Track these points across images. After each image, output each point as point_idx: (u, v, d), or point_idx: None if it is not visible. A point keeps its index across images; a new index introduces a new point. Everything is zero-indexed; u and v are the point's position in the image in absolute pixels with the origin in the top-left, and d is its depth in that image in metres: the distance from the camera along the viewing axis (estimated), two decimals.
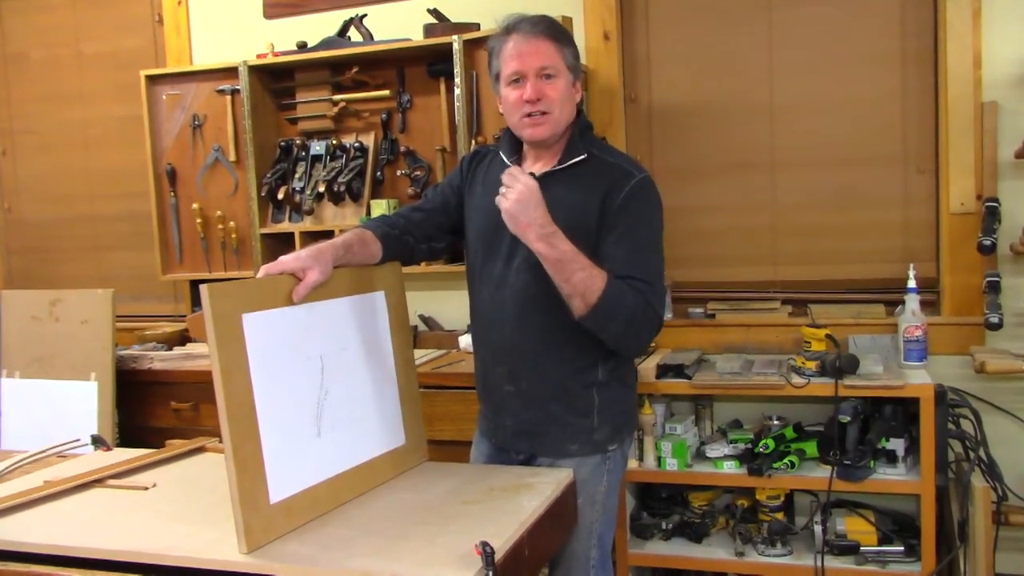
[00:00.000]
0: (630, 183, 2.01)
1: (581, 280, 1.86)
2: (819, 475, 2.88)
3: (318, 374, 1.74)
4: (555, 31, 2.03)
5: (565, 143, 2.08)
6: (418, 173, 3.56)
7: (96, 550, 1.56)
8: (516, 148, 2.14)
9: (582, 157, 2.05)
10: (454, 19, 3.49)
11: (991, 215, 2.92)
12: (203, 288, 1.50)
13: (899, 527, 3.01)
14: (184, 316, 4.10)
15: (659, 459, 3.05)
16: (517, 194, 1.84)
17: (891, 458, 2.84)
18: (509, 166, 2.01)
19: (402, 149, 3.62)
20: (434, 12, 3.51)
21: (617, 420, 2.12)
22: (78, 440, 2.43)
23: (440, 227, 2.22)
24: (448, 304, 3.65)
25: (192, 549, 1.53)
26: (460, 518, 1.63)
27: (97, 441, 2.36)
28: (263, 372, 1.58)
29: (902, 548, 2.89)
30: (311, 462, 1.68)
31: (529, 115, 2.01)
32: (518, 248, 2.01)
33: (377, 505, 1.73)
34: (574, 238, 1.90)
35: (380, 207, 3.49)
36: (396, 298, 2.05)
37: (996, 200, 2.96)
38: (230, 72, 3.70)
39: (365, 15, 3.64)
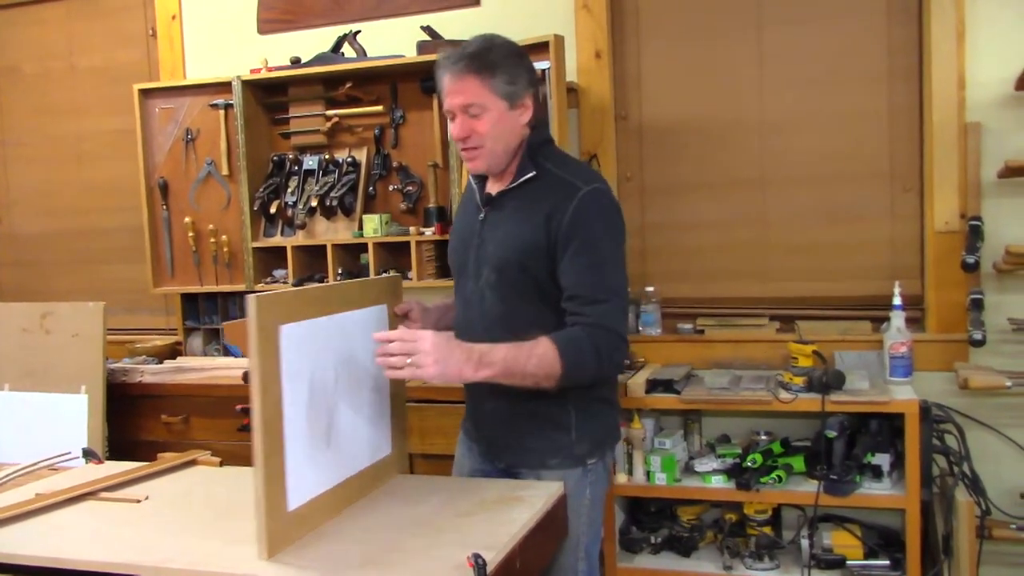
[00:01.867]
0: (576, 197, 1.97)
1: (535, 366, 1.86)
2: (806, 489, 2.91)
3: (332, 383, 1.76)
4: (479, 65, 1.97)
5: (518, 162, 2.08)
6: (410, 188, 3.58)
7: (90, 562, 1.57)
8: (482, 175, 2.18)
9: (531, 175, 2.05)
10: (447, 36, 3.52)
11: (974, 234, 2.96)
12: (250, 299, 1.51)
13: (885, 541, 3.03)
14: (175, 329, 4.11)
15: (648, 473, 3.07)
16: (432, 352, 1.74)
17: (877, 473, 2.87)
18: (476, 188, 2.14)
19: (395, 164, 3.64)
20: (427, 29, 3.54)
21: (597, 434, 2.11)
22: (69, 453, 2.44)
23: None
24: None
25: (186, 562, 1.53)
26: (453, 530, 1.64)
27: (88, 454, 2.37)
28: (291, 382, 1.61)
29: (888, 562, 2.92)
30: (321, 471, 1.71)
31: (464, 149, 2.05)
32: (482, 268, 2.07)
33: (370, 517, 1.74)
34: (519, 256, 1.98)
35: (372, 222, 3.51)
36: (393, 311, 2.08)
37: (979, 219, 3.01)
38: (223, 87, 3.72)
39: (359, 31, 3.67)
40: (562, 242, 1.96)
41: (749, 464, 2.96)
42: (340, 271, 3.60)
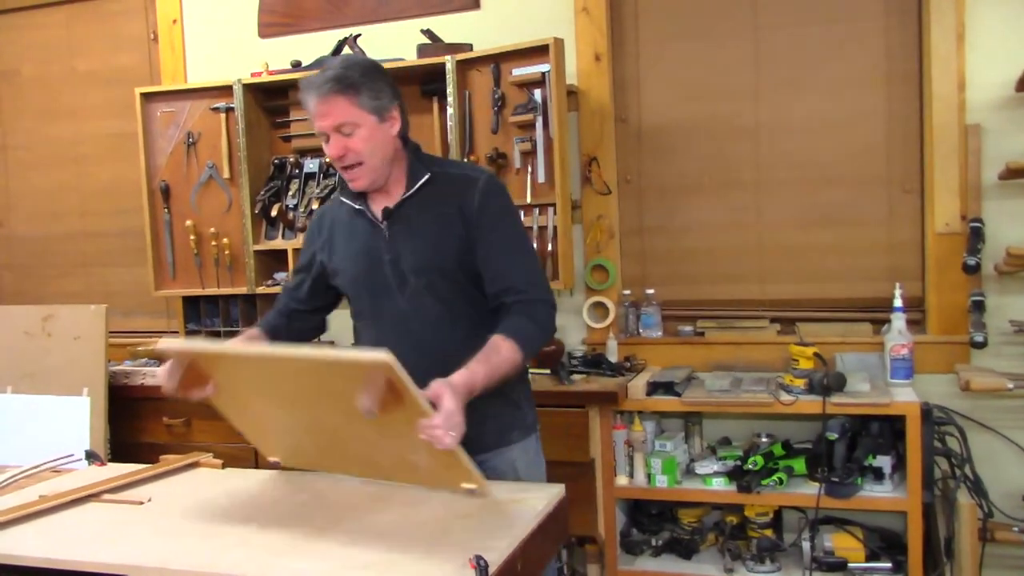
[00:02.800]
0: (478, 186, 2.09)
1: (506, 366, 1.95)
2: (807, 492, 2.91)
3: None
4: (343, 85, 2.01)
5: (405, 171, 2.12)
6: None
7: (93, 564, 1.57)
8: (358, 192, 2.16)
9: (427, 177, 2.11)
10: (447, 40, 3.53)
11: (975, 235, 2.97)
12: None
13: (886, 544, 3.03)
14: (176, 332, 4.11)
15: (649, 476, 3.08)
16: (455, 428, 1.71)
17: (878, 475, 2.87)
18: (359, 209, 2.13)
19: None
20: (428, 33, 3.55)
21: (533, 403, 2.29)
22: (72, 455, 2.44)
23: (324, 286, 2.28)
24: None
25: (189, 563, 1.54)
26: (454, 532, 1.64)
27: (91, 456, 2.37)
28: None
29: (889, 565, 2.92)
30: None
31: (343, 168, 2.07)
32: (406, 279, 2.09)
33: (370, 519, 1.74)
34: (446, 254, 2.06)
35: None
36: None
37: (980, 221, 3.01)
38: (224, 90, 3.73)
39: (359, 35, 3.68)
40: (476, 230, 2.07)
41: (750, 466, 2.96)
42: None
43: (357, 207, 2.14)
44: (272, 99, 3.80)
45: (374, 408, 1.59)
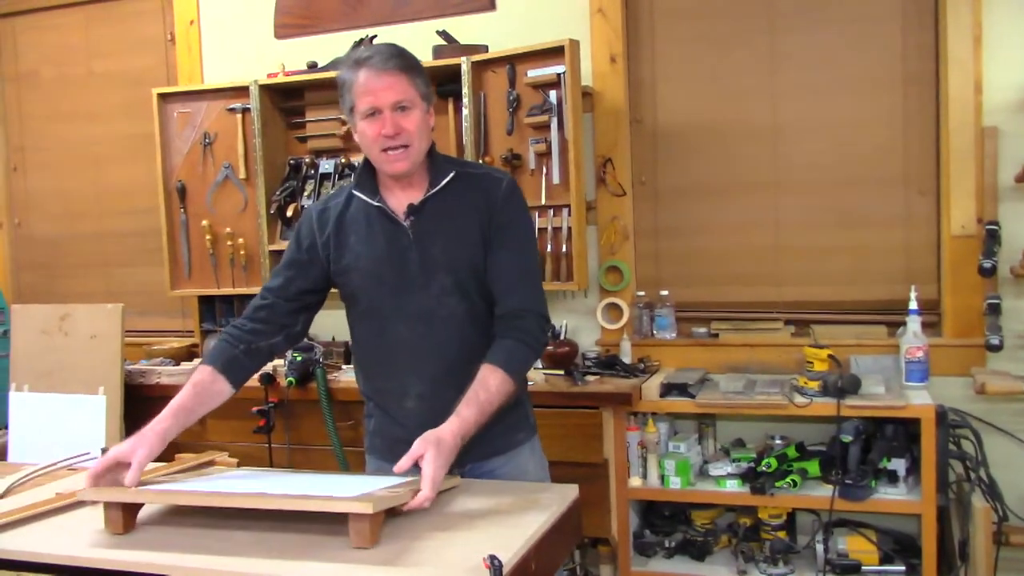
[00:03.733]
0: (501, 187, 2.09)
1: (498, 398, 1.95)
2: (821, 494, 2.90)
3: None
4: (406, 63, 2.00)
5: (428, 167, 2.08)
6: None
7: (110, 561, 1.58)
8: (375, 187, 2.09)
9: (452, 175, 2.07)
10: (463, 41, 3.54)
11: (992, 238, 2.95)
12: None
13: (900, 547, 3.02)
14: (192, 331, 4.13)
15: (662, 477, 3.07)
16: (433, 487, 1.72)
17: (892, 478, 2.86)
18: (377, 205, 2.05)
19: None
20: (443, 34, 3.55)
21: (530, 404, 2.27)
22: (88, 453, 2.46)
23: (318, 286, 2.17)
24: None
25: (206, 562, 1.55)
26: (467, 532, 1.65)
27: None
28: None
29: (903, 568, 2.91)
30: None
31: (387, 149, 2.00)
32: (432, 275, 2.04)
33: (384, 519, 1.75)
34: (474, 251, 2.03)
35: None
36: None
37: (996, 223, 3.00)
38: (241, 91, 3.75)
39: (375, 36, 3.69)
40: (494, 229, 2.06)
41: (764, 468, 2.95)
42: None
43: (375, 203, 2.07)
44: (288, 100, 3.81)
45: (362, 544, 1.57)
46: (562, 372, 3.21)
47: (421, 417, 2.07)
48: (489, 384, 1.94)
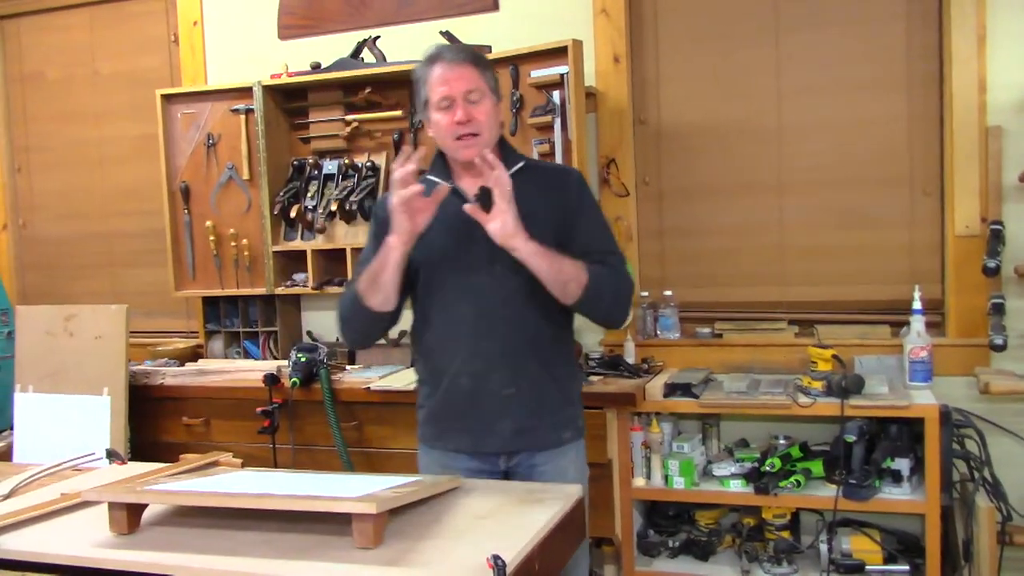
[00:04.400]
0: (572, 177, 2.27)
1: (570, 266, 2.06)
2: (825, 494, 2.90)
3: None
4: (476, 57, 2.17)
5: (499, 156, 2.14)
6: None
7: (115, 561, 1.59)
8: (448, 172, 2.23)
9: (521, 164, 2.20)
10: (466, 41, 3.53)
11: (996, 238, 2.95)
12: None
13: (904, 546, 3.02)
14: (196, 332, 4.14)
15: (666, 477, 3.07)
16: (511, 208, 1.99)
17: (896, 478, 2.86)
18: (455, 188, 2.16)
19: None
20: (447, 34, 3.56)
21: (582, 407, 2.33)
22: (93, 454, 2.47)
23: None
24: None
25: (212, 562, 1.55)
26: (471, 532, 1.65)
27: (112, 455, 2.39)
28: None
29: (907, 567, 2.91)
30: None
31: (460, 137, 2.12)
32: (496, 256, 2.09)
33: (388, 519, 1.75)
34: (540, 237, 2.06)
35: None
36: None
37: (1000, 223, 2.99)
38: (244, 92, 3.75)
39: (378, 37, 3.70)
40: (573, 215, 2.19)
41: (767, 468, 2.95)
42: None
43: (449, 185, 2.14)
44: (292, 100, 3.82)
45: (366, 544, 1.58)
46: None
47: (472, 397, 2.19)
48: (571, 258, 2.07)
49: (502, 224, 1.98)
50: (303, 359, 3.28)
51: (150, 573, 1.55)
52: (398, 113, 3.63)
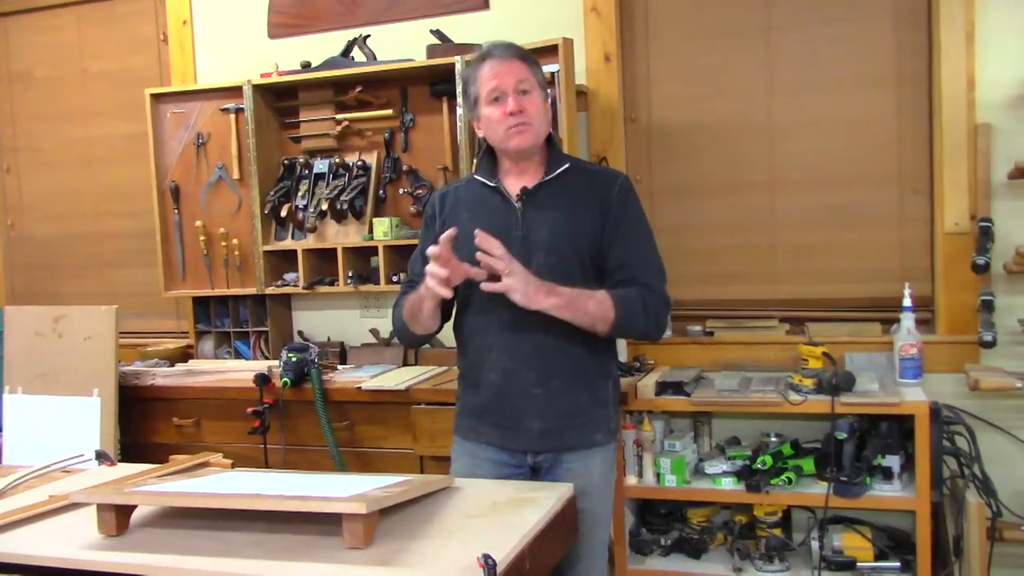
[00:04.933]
0: (618, 183, 2.24)
1: (595, 305, 2.09)
2: (816, 491, 2.90)
3: None
4: (524, 53, 2.22)
5: (546, 156, 2.24)
6: (420, 191, 3.60)
7: (104, 563, 1.58)
8: (494, 171, 2.26)
9: (567, 166, 2.22)
10: (456, 40, 3.53)
11: (985, 235, 2.96)
12: None
13: (895, 543, 3.03)
14: (186, 332, 4.13)
15: (658, 475, 3.08)
16: (521, 273, 2.01)
17: (887, 475, 2.87)
18: (493, 187, 2.22)
19: (404, 168, 3.66)
20: (437, 33, 3.55)
21: (619, 410, 2.35)
22: (82, 455, 2.46)
23: None
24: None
25: (202, 563, 1.55)
26: (462, 531, 1.65)
27: (101, 456, 2.38)
28: None
29: (898, 564, 2.92)
30: None
31: (512, 126, 2.15)
32: (533, 255, 2.14)
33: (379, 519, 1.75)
34: (580, 235, 2.16)
35: (382, 225, 3.53)
36: None
37: (990, 220, 3.00)
38: (234, 91, 3.74)
39: (368, 35, 3.69)
40: (613, 223, 2.19)
41: (759, 466, 2.96)
42: (350, 274, 3.61)
43: (491, 184, 2.22)
44: (282, 100, 3.81)
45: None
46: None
47: (501, 393, 2.22)
48: (596, 294, 2.10)
49: (521, 295, 2.01)
50: (294, 359, 3.27)
51: (139, 575, 1.55)
52: (389, 112, 3.63)
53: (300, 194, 3.71)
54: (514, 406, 2.21)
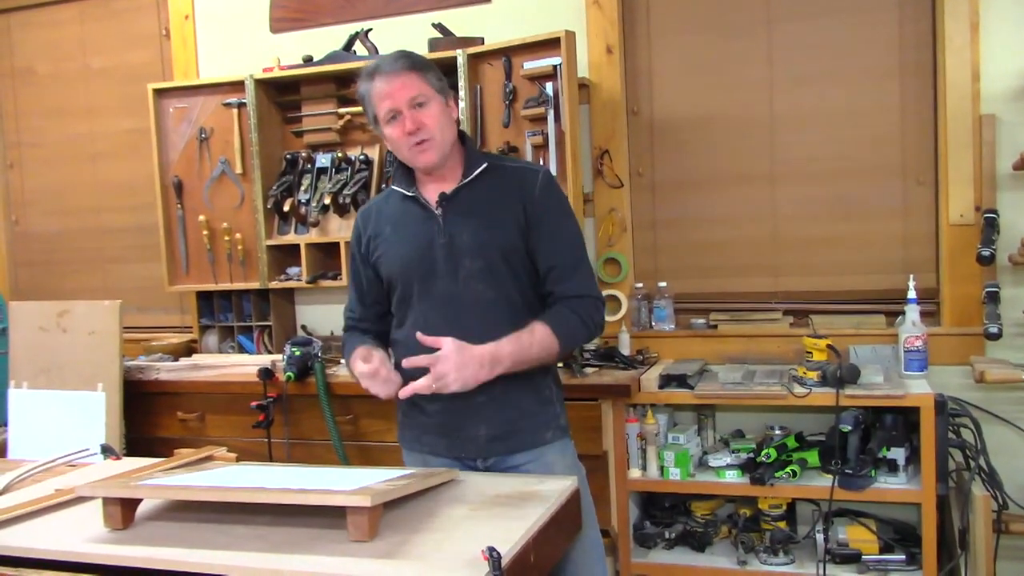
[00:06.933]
0: (538, 178, 2.17)
1: (538, 348, 2.05)
2: (821, 484, 2.90)
3: None
4: (412, 62, 2.13)
5: (462, 158, 2.19)
6: None
7: (108, 557, 1.58)
8: (411, 180, 2.22)
9: (484, 166, 2.18)
10: (459, 33, 3.53)
11: (990, 226, 2.95)
12: None
13: (900, 536, 3.03)
14: (190, 327, 4.13)
15: (662, 468, 3.07)
16: (454, 369, 1.93)
17: (892, 467, 2.86)
18: (411, 196, 2.18)
19: None
20: (439, 27, 3.55)
21: (564, 407, 2.32)
22: (87, 449, 2.46)
23: (378, 284, 2.30)
24: None
25: (206, 557, 1.54)
26: (467, 524, 1.65)
27: (106, 450, 2.38)
28: None
29: (903, 557, 2.91)
30: None
31: (413, 145, 2.11)
32: (460, 261, 2.12)
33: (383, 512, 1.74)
34: (503, 238, 2.12)
35: None
36: None
37: (995, 211, 2.99)
38: (237, 86, 3.74)
39: (370, 29, 3.69)
40: (535, 220, 2.14)
41: (763, 459, 2.95)
42: None
43: (410, 194, 2.19)
44: (284, 94, 3.80)
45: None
46: (561, 364, 3.20)
47: (443, 404, 2.17)
48: (534, 330, 2.07)
49: (460, 384, 1.95)
50: (298, 353, 3.27)
51: (145, 568, 1.55)
52: None
53: (303, 188, 3.71)
54: (459, 416, 2.17)
